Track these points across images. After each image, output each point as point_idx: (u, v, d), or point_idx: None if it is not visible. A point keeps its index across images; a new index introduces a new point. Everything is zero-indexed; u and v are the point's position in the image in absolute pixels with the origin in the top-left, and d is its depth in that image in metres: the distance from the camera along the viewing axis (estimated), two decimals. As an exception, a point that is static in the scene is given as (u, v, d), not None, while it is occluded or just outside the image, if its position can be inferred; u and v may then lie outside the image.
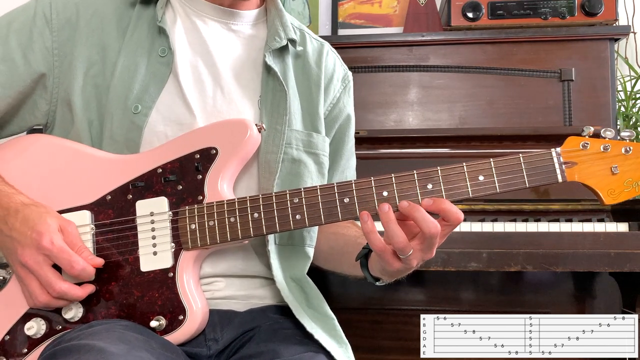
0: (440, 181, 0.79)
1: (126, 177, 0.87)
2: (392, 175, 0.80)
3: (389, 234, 0.76)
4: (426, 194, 0.79)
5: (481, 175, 0.79)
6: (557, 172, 0.78)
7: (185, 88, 0.92)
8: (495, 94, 1.57)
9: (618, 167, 0.78)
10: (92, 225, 0.86)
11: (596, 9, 1.57)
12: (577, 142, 0.79)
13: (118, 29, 0.94)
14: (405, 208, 0.77)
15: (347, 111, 1.08)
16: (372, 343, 1.63)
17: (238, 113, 0.93)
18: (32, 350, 0.83)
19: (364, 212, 0.78)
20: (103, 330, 0.77)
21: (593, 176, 0.79)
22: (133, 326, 0.80)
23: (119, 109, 0.89)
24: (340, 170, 1.07)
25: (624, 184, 0.78)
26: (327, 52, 1.06)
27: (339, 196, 0.81)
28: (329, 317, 0.94)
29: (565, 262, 1.26)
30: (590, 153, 0.79)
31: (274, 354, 0.82)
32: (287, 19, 1.01)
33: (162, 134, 0.89)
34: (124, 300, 0.83)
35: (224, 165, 0.86)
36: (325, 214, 0.81)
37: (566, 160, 0.79)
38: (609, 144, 0.79)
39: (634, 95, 1.76)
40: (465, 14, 1.61)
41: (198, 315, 0.83)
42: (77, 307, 0.83)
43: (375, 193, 0.80)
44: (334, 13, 1.82)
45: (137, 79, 0.90)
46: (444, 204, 0.76)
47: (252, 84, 0.96)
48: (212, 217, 0.84)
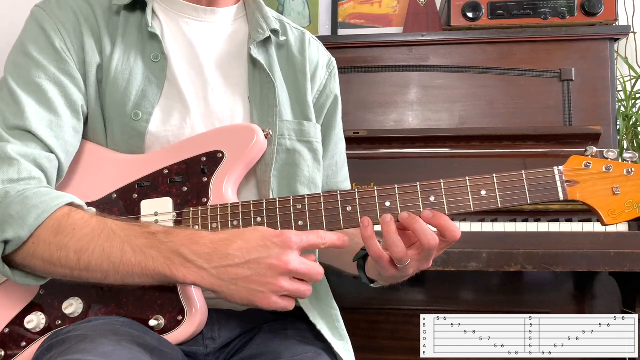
0: (442, 194, 0.79)
1: (133, 177, 0.88)
2: (396, 186, 0.80)
3: (389, 243, 0.76)
4: (428, 206, 0.79)
5: (483, 190, 0.79)
6: (559, 190, 0.79)
7: (181, 91, 0.92)
8: (495, 94, 1.57)
9: (620, 187, 0.79)
10: None
11: (596, 9, 1.57)
12: (579, 161, 0.80)
13: (108, 33, 0.93)
14: (405, 219, 0.77)
15: (335, 93, 1.08)
16: (372, 343, 1.63)
17: (231, 111, 0.94)
18: (31, 344, 0.83)
19: (365, 218, 0.78)
20: (99, 324, 0.77)
21: (594, 196, 0.80)
22: (130, 323, 0.80)
23: (119, 116, 0.89)
24: (330, 156, 1.07)
25: (625, 205, 0.79)
26: (309, 40, 1.07)
27: (342, 204, 0.81)
28: (332, 308, 0.95)
29: (565, 262, 1.26)
30: (592, 173, 0.80)
31: (275, 355, 0.82)
32: (266, 11, 1.01)
33: (163, 139, 0.90)
34: (124, 297, 0.83)
35: (230, 169, 0.87)
36: (328, 221, 0.82)
37: (568, 179, 0.80)
38: (612, 164, 0.80)
39: (634, 95, 1.76)
40: (465, 14, 1.61)
41: (197, 316, 0.83)
42: (77, 302, 0.84)
43: (378, 203, 0.80)
44: (334, 13, 1.82)
45: (134, 85, 0.90)
46: (443, 220, 0.77)
47: (241, 80, 0.97)
48: (216, 220, 0.84)
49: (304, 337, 0.88)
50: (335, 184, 1.09)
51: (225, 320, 0.90)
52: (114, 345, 0.69)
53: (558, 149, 1.45)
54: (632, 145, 1.70)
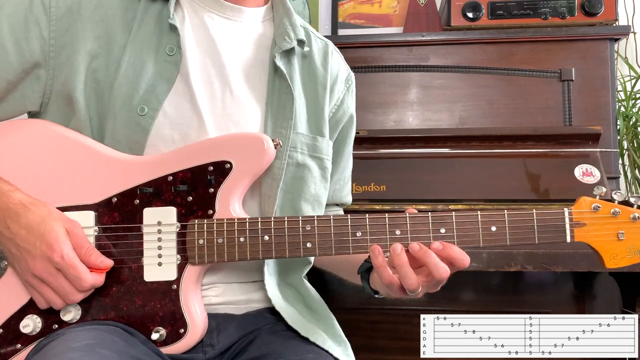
0: (453, 227, 0.80)
1: (134, 181, 0.85)
2: (407, 214, 0.81)
3: (402, 276, 0.77)
4: (438, 238, 0.80)
5: (494, 226, 0.80)
6: (567, 232, 0.81)
7: (194, 89, 0.89)
8: (495, 94, 1.56)
9: (624, 233, 0.81)
10: (96, 227, 0.84)
11: (596, 9, 1.56)
12: (588, 203, 0.81)
13: (123, 22, 0.89)
14: (416, 252, 0.77)
15: (351, 112, 1.07)
16: (372, 343, 1.63)
17: (247, 115, 0.91)
18: (26, 347, 0.82)
19: (376, 247, 0.78)
20: (87, 328, 0.78)
21: (599, 239, 0.81)
22: (119, 332, 0.80)
23: (124, 109, 0.85)
24: (340, 170, 1.07)
25: (627, 250, 0.81)
26: (332, 52, 1.05)
27: (352, 229, 0.81)
28: (328, 317, 0.94)
29: (565, 262, 1.26)
30: (600, 217, 0.81)
31: (276, 355, 0.82)
32: (295, 18, 0.99)
33: (168, 137, 0.87)
34: (125, 306, 0.82)
35: (238, 181, 0.84)
36: (337, 245, 0.81)
37: (576, 221, 0.81)
38: (619, 209, 0.81)
39: (634, 95, 1.76)
40: (465, 14, 1.61)
41: (199, 329, 0.82)
42: (76, 309, 0.82)
43: (388, 231, 0.80)
44: (334, 13, 1.82)
45: (144, 78, 0.87)
46: (453, 251, 0.78)
47: (260, 84, 0.94)
48: (222, 235, 0.82)
49: (304, 337, 0.87)
50: (340, 197, 1.09)
51: (223, 325, 0.89)
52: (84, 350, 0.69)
53: (558, 149, 1.45)
54: (632, 145, 1.70)
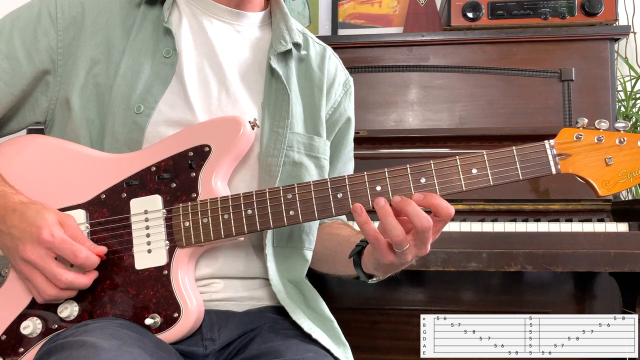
0: (433, 175, 0.78)
1: (120, 176, 0.88)
2: (385, 169, 0.79)
3: (387, 227, 0.75)
4: (419, 188, 0.78)
5: (474, 169, 0.78)
6: (551, 164, 0.78)
7: (188, 89, 0.92)
8: (495, 94, 1.57)
9: (612, 158, 0.77)
10: (87, 224, 0.86)
11: (596, 9, 1.57)
12: (570, 133, 0.78)
13: (123, 28, 0.94)
14: (397, 203, 0.76)
15: (348, 115, 1.08)
16: (372, 343, 1.63)
17: (242, 114, 0.93)
18: (29, 350, 0.83)
19: (357, 205, 0.78)
20: (97, 327, 0.78)
21: (587, 168, 0.78)
22: (127, 324, 0.81)
23: (122, 109, 0.89)
24: (337, 172, 1.07)
25: (619, 175, 0.77)
26: (329, 57, 1.07)
27: (332, 191, 0.81)
28: (328, 319, 0.94)
29: (565, 262, 1.26)
30: (584, 144, 0.78)
31: (277, 354, 0.82)
32: (292, 23, 1.02)
33: (164, 134, 0.90)
34: (119, 298, 0.84)
35: (218, 162, 0.86)
36: (319, 209, 0.81)
37: (560, 152, 0.78)
38: (603, 135, 0.78)
39: (634, 95, 1.76)
40: (465, 14, 1.61)
41: (193, 313, 0.83)
42: (72, 305, 0.84)
43: (369, 188, 0.79)
44: (334, 13, 1.82)
45: (141, 79, 0.90)
46: (435, 198, 0.76)
47: (256, 85, 0.97)
48: (206, 215, 0.84)
49: (304, 337, 0.88)
50: None
51: (224, 321, 0.89)
52: (115, 351, 0.69)
53: (558, 148, 1.45)
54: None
